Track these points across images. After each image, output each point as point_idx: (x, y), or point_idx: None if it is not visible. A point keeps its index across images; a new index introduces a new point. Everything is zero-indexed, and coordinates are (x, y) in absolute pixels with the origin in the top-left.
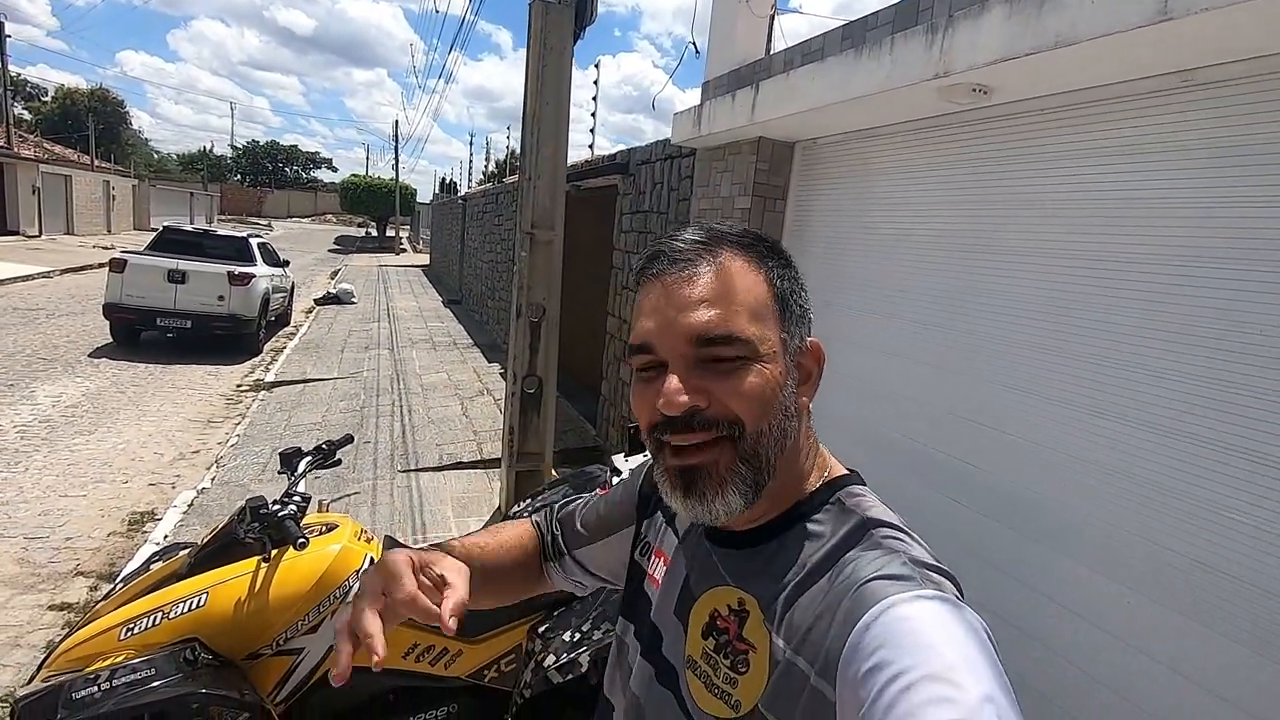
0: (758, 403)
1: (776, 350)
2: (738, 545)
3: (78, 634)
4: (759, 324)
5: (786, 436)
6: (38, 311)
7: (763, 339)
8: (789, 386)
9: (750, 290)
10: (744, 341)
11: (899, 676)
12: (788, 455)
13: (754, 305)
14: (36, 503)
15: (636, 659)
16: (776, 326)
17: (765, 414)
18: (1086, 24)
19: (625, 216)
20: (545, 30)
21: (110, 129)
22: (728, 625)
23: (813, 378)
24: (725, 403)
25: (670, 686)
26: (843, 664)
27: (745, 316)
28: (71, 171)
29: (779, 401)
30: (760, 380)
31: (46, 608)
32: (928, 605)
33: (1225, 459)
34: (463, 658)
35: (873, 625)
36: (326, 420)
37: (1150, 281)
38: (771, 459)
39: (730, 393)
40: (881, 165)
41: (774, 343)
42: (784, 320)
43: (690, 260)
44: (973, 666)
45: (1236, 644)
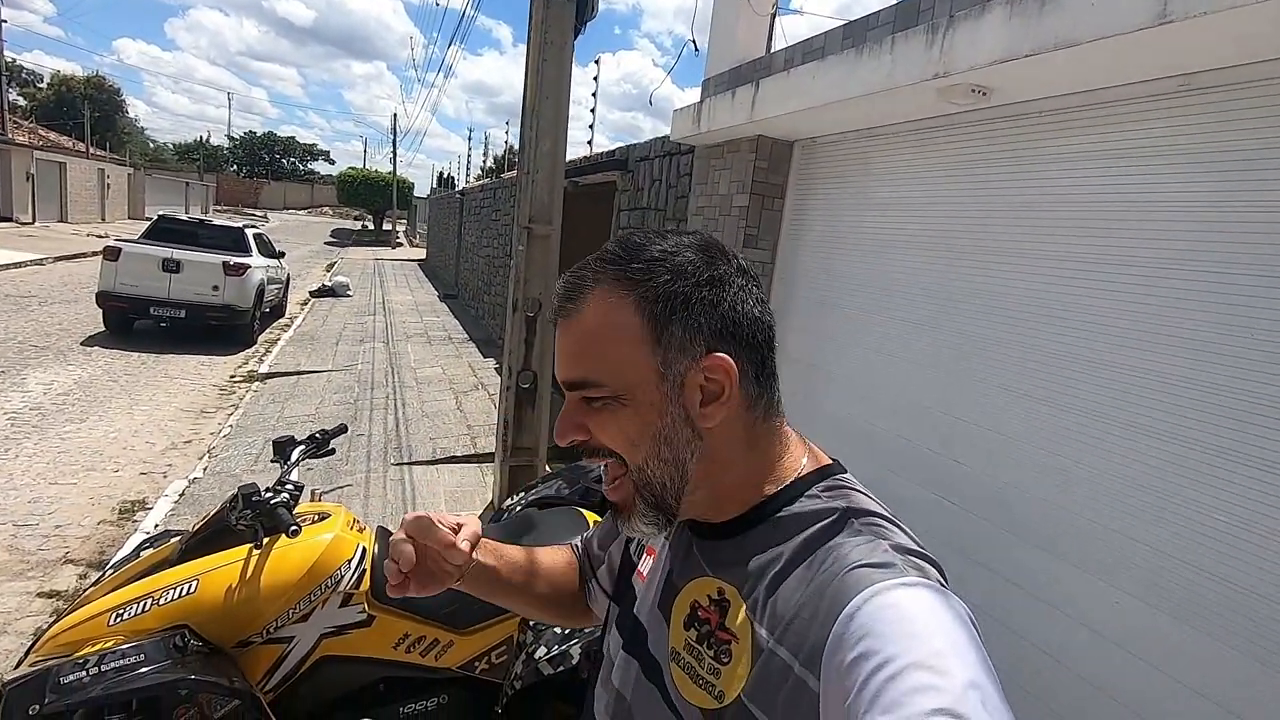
0: (625, 440)
1: (647, 381)
2: (718, 536)
3: (66, 619)
4: (616, 364)
5: (679, 463)
6: (30, 299)
7: (621, 380)
8: (672, 414)
9: (610, 330)
10: (600, 385)
11: (884, 665)
12: (717, 472)
13: (611, 345)
14: (26, 490)
15: (619, 653)
16: (649, 355)
17: (638, 449)
18: (1087, 26)
19: (623, 213)
20: (546, 24)
21: (106, 117)
22: (709, 616)
23: (724, 394)
24: (600, 439)
25: (655, 681)
26: (827, 654)
27: (599, 361)
28: (66, 159)
29: (652, 435)
30: (622, 419)
31: (35, 595)
32: (912, 592)
33: (1214, 462)
34: (453, 649)
35: (856, 614)
36: (320, 412)
37: (1145, 285)
38: (665, 484)
39: (600, 430)
40: (880, 165)
41: (640, 376)
42: (659, 345)
43: (564, 309)
44: (957, 653)
45: (1223, 645)
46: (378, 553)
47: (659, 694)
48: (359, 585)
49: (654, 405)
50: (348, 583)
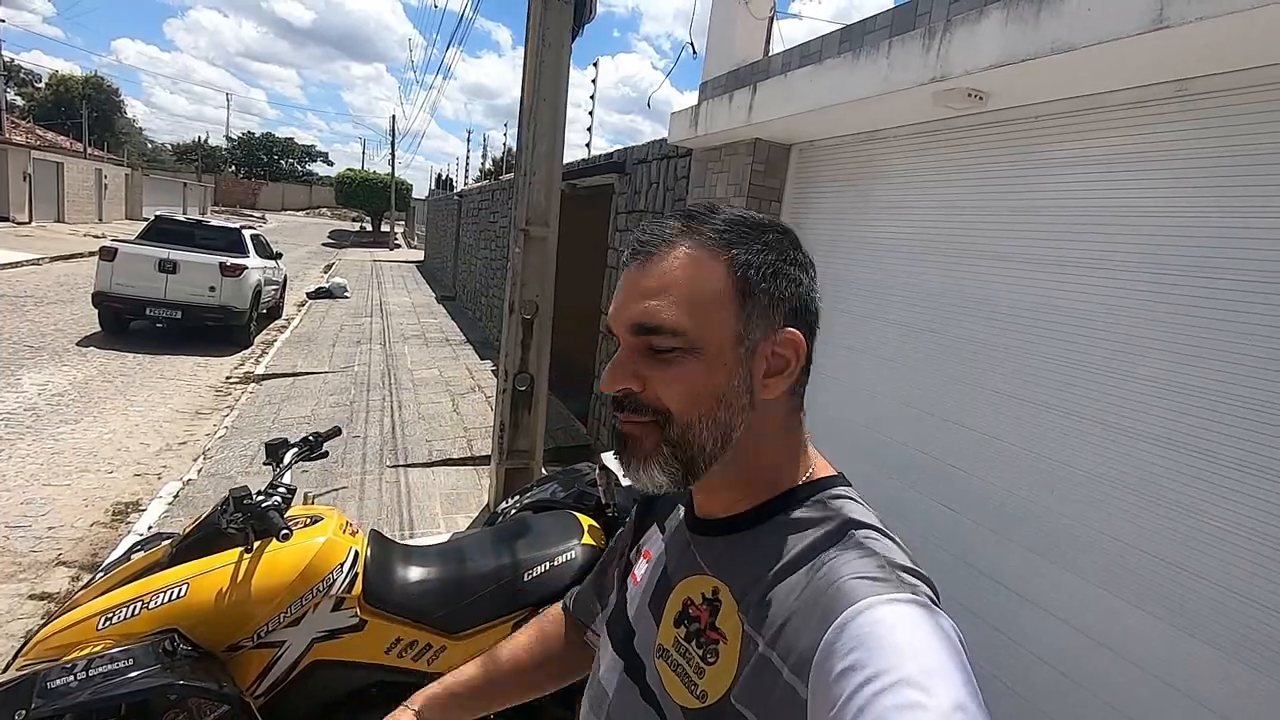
0: (685, 394)
1: (723, 342)
2: (715, 533)
3: (55, 623)
4: (700, 316)
5: (728, 428)
6: (25, 299)
7: (700, 332)
8: (739, 377)
9: (700, 282)
10: (677, 334)
11: (872, 680)
12: (751, 447)
13: (699, 297)
14: (19, 491)
15: (608, 652)
16: (732, 316)
17: (693, 405)
18: (1084, 31)
19: (620, 216)
20: (544, 26)
21: (104, 117)
22: (699, 614)
23: (789, 368)
24: (656, 390)
25: (636, 679)
26: (816, 662)
27: (683, 309)
28: (64, 159)
29: (714, 394)
30: (690, 372)
31: (26, 597)
32: (904, 609)
33: (1212, 467)
34: (446, 654)
35: (848, 625)
36: (316, 414)
37: (1142, 290)
38: (705, 448)
39: (661, 381)
40: (877, 169)
41: (721, 334)
42: (744, 309)
43: (649, 252)
44: (945, 673)
45: (1216, 650)
46: (370, 556)
47: (638, 691)
48: (351, 589)
49: (725, 366)
50: (340, 587)
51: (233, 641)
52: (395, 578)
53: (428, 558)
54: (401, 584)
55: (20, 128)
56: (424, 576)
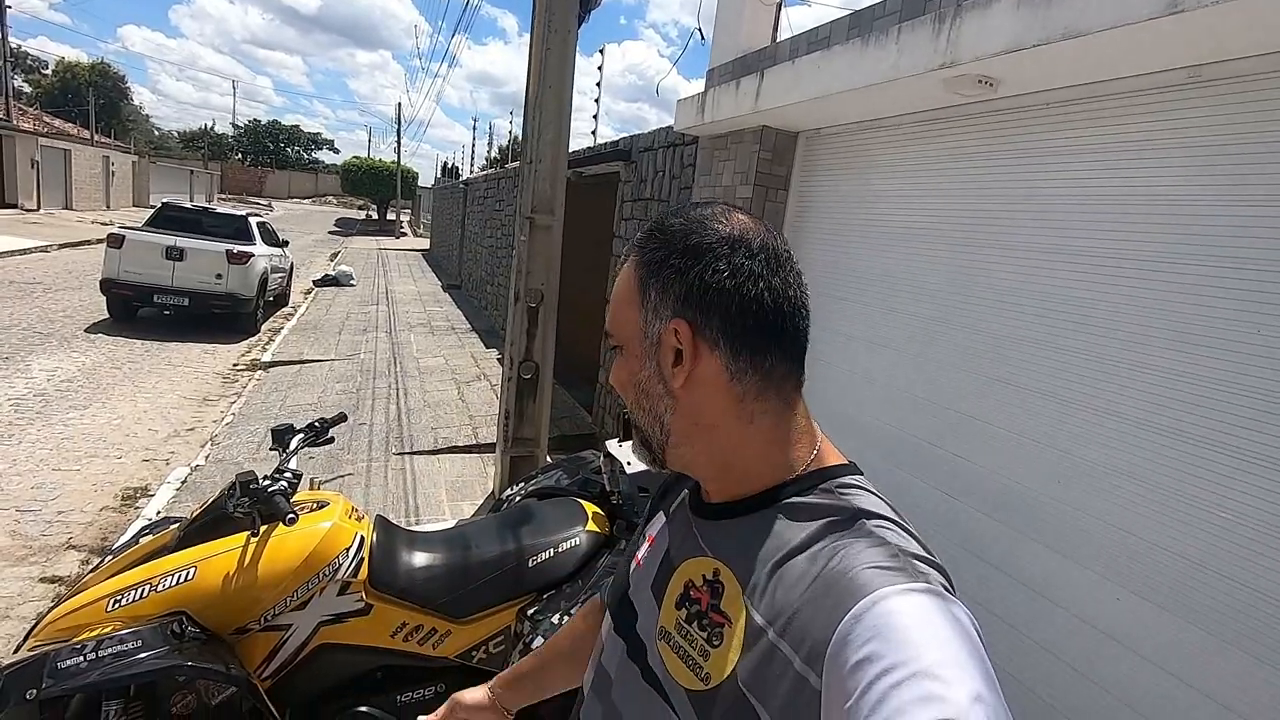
0: (620, 385)
1: (633, 337)
2: (719, 516)
3: (65, 605)
4: (620, 317)
5: (656, 414)
6: (34, 285)
7: (620, 331)
8: (650, 368)
9: (623, 286)
10: (609, 335)
11: (889, 671)
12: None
13: (620, 300)
14: (29, 476)
15: (609, 634)
16: (636, 313)
17: (626, 394)
18: (1096, 15)
19: (626, 204)
20: (550, 12)
21: (111, 104)
22: (700, 596)
23: (685, 362)
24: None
25: (638, 661)
26: (830, 653)
27: (613, 313)
28: (71, 146)
29: (635, 384)
30: (619, 366)
31: (37, 580)
32: (920, 599)
33: (1223, 459)
34: (451, 638)
35: (864, 616)
36: (322, 401)
37: (1152, 279)
38: (651, 432)
39: (613, 374)
40: (885, 157)
41: (631, 331)
42: (642, 305)
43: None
44: (962, 664)
45: (1231, 645)
46: (376, 541)
47: (639, 673)
48: (357, 574)
49: (637, 358)
50: (345, 571)
51: (240, 624)
52: (400, 563)
53: (432, 543)
54: (407, 569)
55: (28, 115)
56: (429, 562)
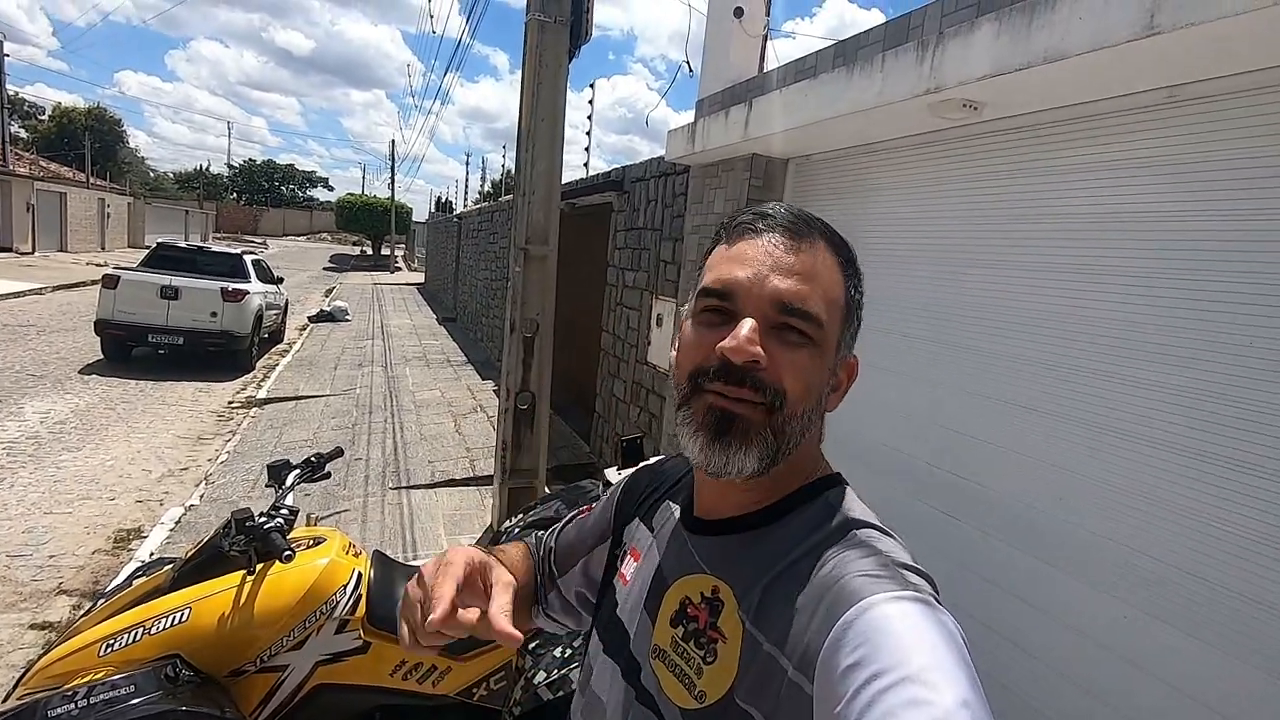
0: (805, 383)
1: (834, 347)
2: (716, 532)
3: (56, 650)
4: (831, 316)
5: (811, 427)
6: (29, 328)
7: (828, 330)
8: (828, 384)
9: (834, 285)
10: (818, 325)
11: (878, 676)
12: (803, 447)
13: (832, 298)
14: (21, 520)
15: (599, 657)
16: (839, 328)
17: (806, 396)
18: (1075, 39)
19: (620, 233)
20: (541, 48)
21: (107, 147)
22: (698, 614)
23: (842, 388)
24: (779, 372)
25: (632, 682)
26: (822, 659)
27: (824, 303)
28: (67, 189)
29: (818, 391)
30: (815, 365)
31: (27, 626)
32: (908, 606)
33: (1210, 469)
34: (451, 675)
35: (855, 622)
36: (318, 437)
37: (1137, 295)
38: (794, 441)
39: (787, 365)
40: (874, 181)
41: (834, 340)
42: (844, 326)
43: (795, 232)
44: (949, 669)
45: (1230, 657)
46: (374, 577)
47: (635, 694)
48: (354, 611)
49: (829, 369)
50: (343, 609)
51: (236, 666)
52: (398, 599)
53: None
54: None
55: (24, 159)
56: None
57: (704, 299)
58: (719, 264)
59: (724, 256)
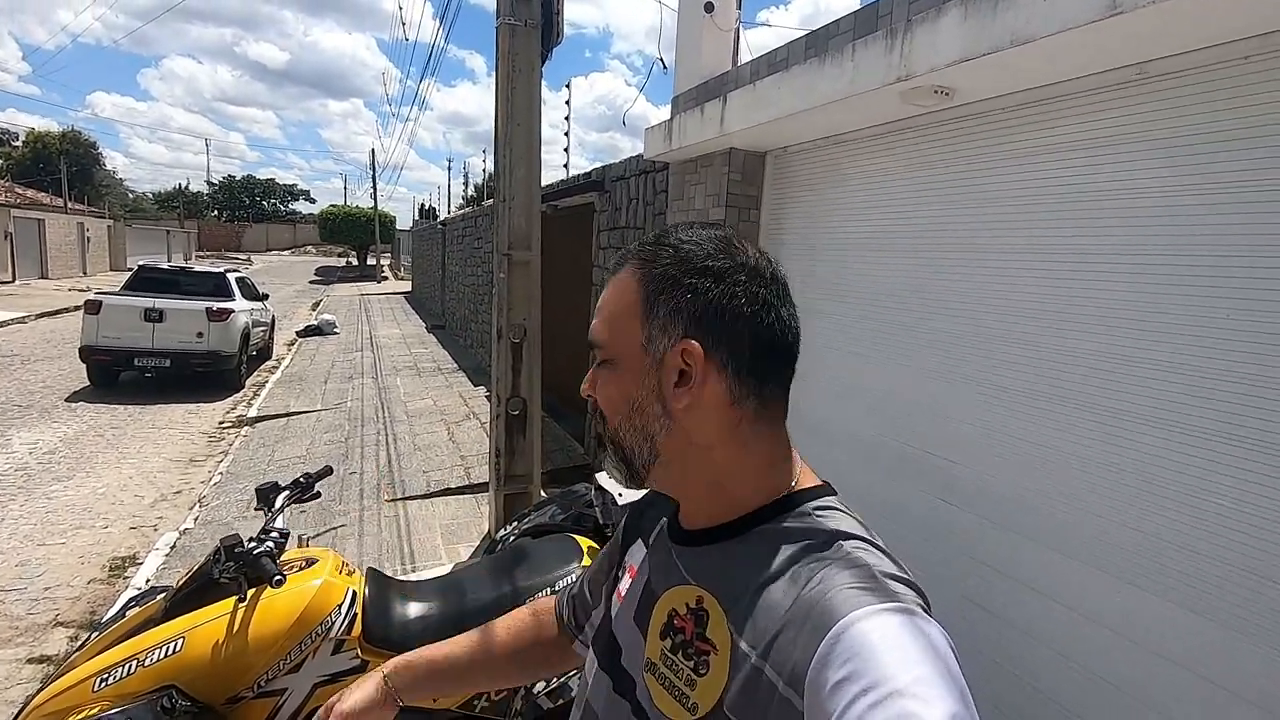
0: (607, 398)
1: (631, 352)
2: (699, 543)
3: (51, 687)
4: (616, 329)
5: (648, 434)
6: (12, 358)
7: (615, 344)
8: (648, 386)
9: (620, 298)
10: (600, 347)
11: (867, 691)
12: (698, 456)
13: (617, 312)
14: (13, 553)
15: (594, 672)
16: (637, 328)
17: (614, 410)
18: (1040, 22)
19: (603, 233)
20: (513, 52)
21: (83, 171)
22: (684, 625)
23: (690, 380)
24: (595, 394)
25: (626, 695)
26: (811, 674)
27: (606, 324)
28: (44, 215)
29: (628, 400)
30: (609, 380)
31: (25, 661)
32: (898, 619)
33: (1203, 444)
34: None
35: (842, 637)
36: (311, 453)
37: (1116, 273)
38: (635, 450)
39: (599, 389)
40: (851, 170)
41: (629, 345)
42: (646, 321)
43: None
44: (938, 682)
45: (1226, 628)
46: (369, 595)
47: (629, 708)
48: (350, 630)
49: (634, 374)
50: (339, 629)
51: (233, 693)
52: (395, 615)
53: (426, 592)
54: (401, 621)
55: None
56: (424, 612)
57: None
58: None
59: None
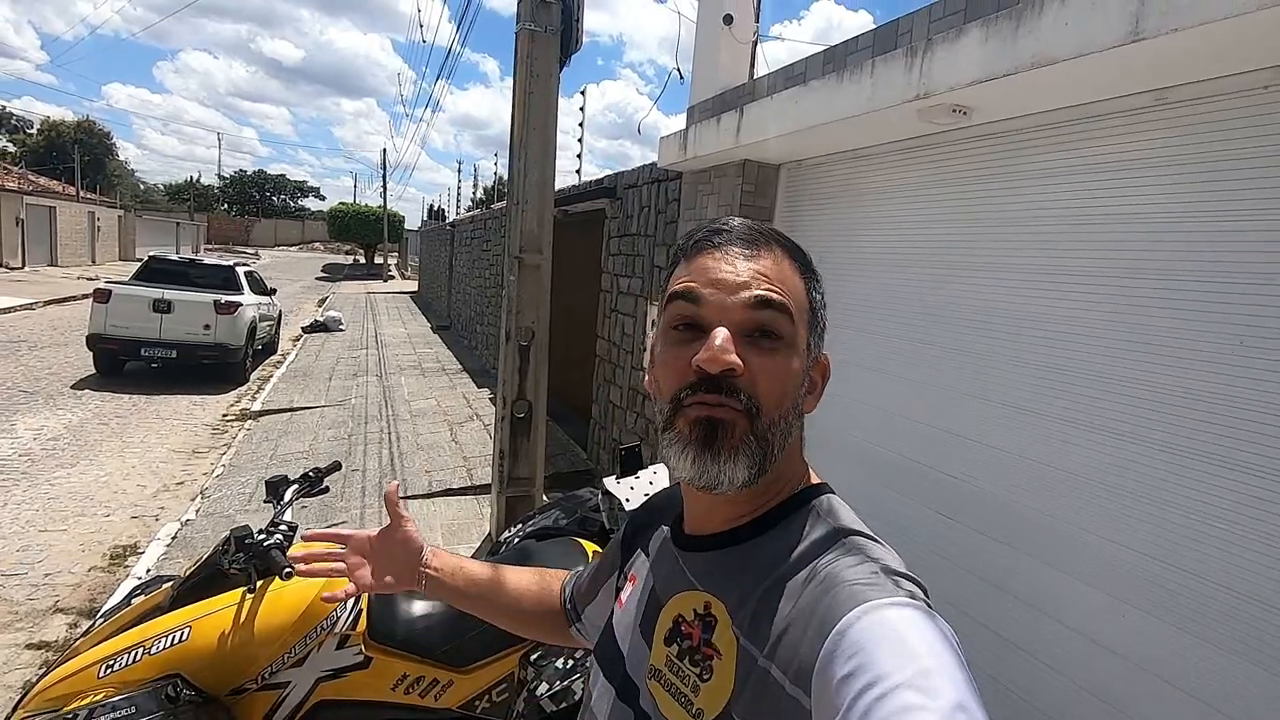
0: (780, 388)
1: (804, 349)
2: (707, 548)
3: (55, 672)
4: (799, 319)
5: (790, 432)
6: (19, 344)
7: (799, 331)
8: (803, 387)
9: (797, 289)
10: (790, 326)
11: (874, 684)
12: (786, 453)
13: (798, 301)
14: (15, 538)
15: (598, 680)
16: (806, 330)
17: (782, 401)
18: (1061, 45)
19: (613, 240)
20: (532, 57)
21: (96, 160)
22: (691, 630)
23: (817, 389)
24: (755, 377)
25: (630, 703)
26: (818, 670)
27: (793, 307)
28: (56, 203)
29: (794, 396)
30: (788, 369)
31: (24, 646)
32: (901, 612)
33: (1207, 469)
34: (453, 688)
35: (848, 631)
36: (314, 449)
37: (1126, 295)
38: (776, 448)
39: (762, 370)
40: (865, 186)
41: (803, 342)
42: (811, 328)
43: (755, 241)
44: (946, 675)
45: (1225, 652)
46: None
47: (634, 715)
48: (355, 626)
49: (803, 372)
50: (344, 624)
51: (237, 685)
52: (400, 613)
53: None
54: (406, 619)
55: (12, 174)
56: (429, 610)
57: (674, 306)
58: (685, 276)
59: (690, 269)
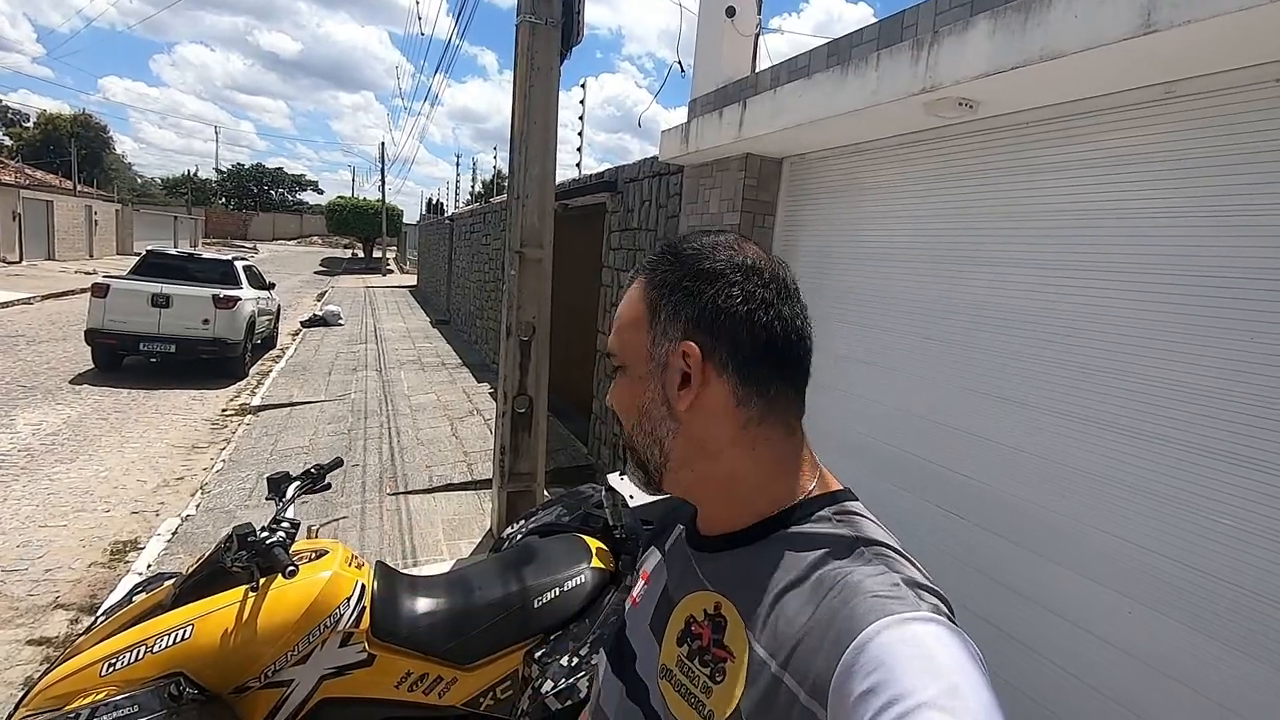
0: (620, 406)
1: (639, 359)
2: (716, 549)
3: (56, 671)
4: (624, 338)
5: (657, 437)
6: (18, 339)
7: (624, 352)
8: (654, 390)
9: (628, 308)
10: (612, 355)
11: (894, 703)
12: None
13: (625, 322)
14: (15, 534)
15: (608, 678)
16: (644, 335)
17: (626, 416)
18: (1071, 38)
19: (614, 234)
20: (533, 50)
21: (93, 154)
22: (702, 631)
23: (691, 380)
24: (613, 402)
25: (639, 702)
26: (835, 684)
27: (619, 335)
28: (53, 197)
29: (637, 406)
30: (621, 387)
31: (25, 643)
32: (925, 628)
33: (1211, 464)
34: (458, 686)
35: (868, 645)
36: (314, 443)
37: (1136, 290)
38: (649, 454)
39: (613, 395)
40: (870, 180)
41: (636, 352)
42: (651, 327)
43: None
44: (969, 694)
45: (1222, 644)
46: (377, 589)
47: (643, 714)
48: (359, 624)
49: (642, 380)
50: (347, 621)
51: (240, 682)
52: (403, 610)
53: (435, 588)
54: (410, 616)
55: (9, 168)
56: (432, 608)
57: None
58: None
59: None
